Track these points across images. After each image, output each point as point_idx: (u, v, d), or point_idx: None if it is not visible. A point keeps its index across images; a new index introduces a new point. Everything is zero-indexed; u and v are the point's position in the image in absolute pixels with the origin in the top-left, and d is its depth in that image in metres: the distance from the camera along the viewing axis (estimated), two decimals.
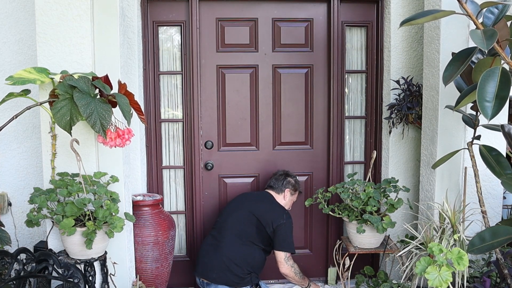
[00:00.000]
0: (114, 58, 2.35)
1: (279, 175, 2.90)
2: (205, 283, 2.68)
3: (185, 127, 3.07)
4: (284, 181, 2.86)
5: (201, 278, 2.69)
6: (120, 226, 2.10)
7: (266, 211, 2.73)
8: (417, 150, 3.02)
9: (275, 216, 2.71)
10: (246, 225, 2.70)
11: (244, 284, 2.63)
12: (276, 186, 2.86)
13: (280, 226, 2.69)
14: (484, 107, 1.81)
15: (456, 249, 1.92)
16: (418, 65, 2.97)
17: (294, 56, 3.09)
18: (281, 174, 2.90)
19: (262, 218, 2.70)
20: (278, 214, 2.73)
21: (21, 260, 2.05)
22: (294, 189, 2.88)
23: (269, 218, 2.70)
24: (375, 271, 3.05)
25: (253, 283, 2.67)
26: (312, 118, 3.15)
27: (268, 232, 2.70)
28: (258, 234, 2.70)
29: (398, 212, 2.86)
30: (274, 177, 2.91)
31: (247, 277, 2.64)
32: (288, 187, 2.85)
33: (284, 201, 2.84)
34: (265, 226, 2.69)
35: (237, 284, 2.61)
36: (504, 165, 2.12)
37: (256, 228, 2.70)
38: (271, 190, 2.88)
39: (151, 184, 3.08)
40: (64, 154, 2.29)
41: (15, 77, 2.06)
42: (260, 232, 2.70)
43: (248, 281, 2.64)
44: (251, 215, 2.71)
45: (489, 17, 2.01)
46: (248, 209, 2.74)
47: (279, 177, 2.88)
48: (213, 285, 2.63)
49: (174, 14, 2.99)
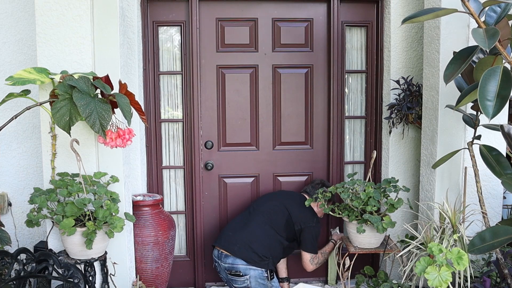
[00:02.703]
0: (114, 58, 2.35)
1: (316, 183, 2.98)
2: (223, 255, 2.70)
3: (185, 127, 3.07)
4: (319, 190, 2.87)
5: (221, 250, 2.71)
6: (120, 226, 2.10)
7: (299, 211, 2.82)
8: (417, 150, 3.02)
9: (306, 217, 2.81)
10: (277, 215, 2.79)
11: (261, 266, 2.67)
12: (312, 193, 2.93)
13: (309, 228, 2.80)
14: (485, 106, 1.80)
15: (456, 249, 1.92)
16: (418, 65, 2.97)
17: (294, 56, 3.09)
18: (318, 182, 2.99)
19: (294, 215, 2.80)
20: (310, 217, 2.83)
21: (21, 260, 2.05)
22: (328, 200, 2.86)
23: (300, 217, 2.80)
24: (375, 271, 3.05)
25: (268, 268, 2.69)
26: (312, 118, 3.15)
27: (296, 228, 2.80)
28: (286, 227, 2.79)
29: (398, 212, 2.86)
30: (311, 185, 2.99)
31: (265, 260, 2.69)
32: None
33: (316, 208, 2.90)
34: (294, 222, 2.80)
35: (255, 262, 2.65)
36: (504, 165, 2.12)
37: (286, 221, 2.80)
38: (306, 195, 2.96)
39: (151, 184, 3.08)
40: (64, 154, 2.29)
41: (15, 77, 2.06)
42: (288, 225, 2.80)
43: (265, 264, 2.68)
44: (284, 208, 2.82)
45: (492, 15, 2.01)
46: (283, 202, 2.85)
47: (316, 186, 2.97)
48: (232, 258, 2.66)
49: (174, 14, 2.99)
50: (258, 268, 2.65)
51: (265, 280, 2.66)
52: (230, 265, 2.67)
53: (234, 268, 2.66)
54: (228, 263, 2.67)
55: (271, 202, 2.87)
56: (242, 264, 2.65)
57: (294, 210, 2.82)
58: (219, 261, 2.71)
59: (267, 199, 2.92)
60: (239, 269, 2.65)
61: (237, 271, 2.65)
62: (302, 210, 2.83)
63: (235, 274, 2.66)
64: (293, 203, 2.86)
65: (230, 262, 2.67)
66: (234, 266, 2.66)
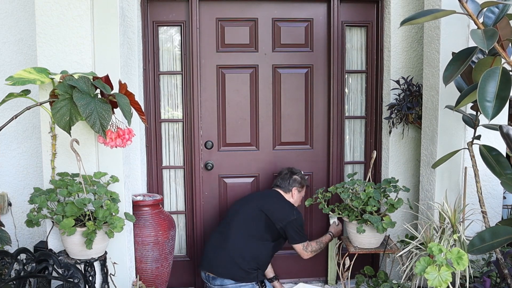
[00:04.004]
0: (114, 58, 2.35)
1: (284, 174, 2.91)
2: (210, 277, 2.67)
3: (185, 127, 3.07)
4: (290, 180, 2.87)
5: (207, 272, 2.69)
6: (120, 226, 2.10)
7: (275, 208, 2.75)
8: (417, 150, 3.02)
9: (284, 213, 2.74)
10: (254, 221, 2.72)
11: (250, 280, 2.63)
12: (283, 186, 2.87)
13: (291, 222, 2.72)
14: (485, 107, 1.81)
15: (456, 249, 1.92)
16: (418, 65, 2.97)
17: (294, 56, 3.09)
18: (286, 173, 2.91)
19: (271, 215, 2.72)
20: (288, 211, 2.76)
21: (21, 260, 2.05)
22: (301, 186, 2.90)
23: (279, 215, 2.73)
24: (375, 271, 3.04)
25: (258, 280, 2.68)
26: (312, 118, 3.15)
27: (278, 227, 2.72)
28: (267, 229, 2.72)
29: (398, 212, 2.86)
30: (280, 177, 2.92)
31: (253, 272, 2.65)
32: (294, 185, 2.87)
33: (292, 199, 2.87)
34: (274, 222, 2.72)
35: (243, 279, 2.62)
36: (504, 165, 2.12)
37: (265, 223, 2.72)
38: (278, 188, 2.89)
39: (151, 184, 3.08)
40: (64, 154, 2.29)
41: (15, 77, 2.06)
42: (269, 227, 2.72)
43: (254, 277, 2.65)
44: (259, 211, 2.73)
45: (490, 16, 2.01)
46: (256, 205, 2.77)
47: (285, 176, 2.89)
48: (219, 279, 2.64)
49: (174, 14, 2.99)
50: (248, 283, 2.62)
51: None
52: (219, 286, 2.64)
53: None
54: (217, 285, 2.64)
55: (244, 210, 2.77)
56: (231, 284, 2.61)
57: (271, 209, 2.74)
58: (208, 283, 2.69)
59: (240, 206, 2.83)
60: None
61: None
62: (278, 207, 2.76)
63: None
64: (268, 202, 2.78)
65: (219, 283, 2.64)
66: (224, 287, 2.63)
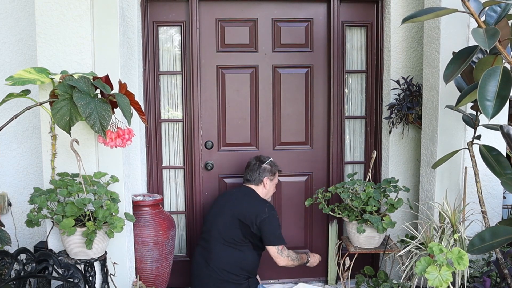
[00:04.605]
0: (114, 58, 2.34)
1: (252, 165, 2.79)
2: None
3: (185, 127, 3.07)
4: (259, 170, 2.76)
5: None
6: (120, 226, 2.10)
7: (247, 210, 2.64)
8: (417, 150, 3.02)
9: (256, 212, 2.62)
10: (231, 230, 2.63)
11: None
12: (253, 178, 2.76)
13: (264, 221, 2.60)
14: (485, 106, 1.80)
15: (456, 249, 1.92)
16: (418, 65, 2.97)
17: (294, 56, 3.09)
18: (254, 163, 2.79)
19: (244, 218, 2.62)
20: (260, 209, 2.64)
21: (21, 260, 2.05)
22: (273, 173, 2.80)
23: (251, 216, 2.61)
24: (375, 271, 3.04)
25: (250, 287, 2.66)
26: (312, 118, 3.15)
27: (253, 230, 2.62)
28: (244, 235, 2.64)
29: (398, 212, 2.85)
30: (249, 169, 2.80)
31: (244, 282, 2.62)
32: (265, 175, 2.76)
33: (265, 189, 2.77)
34: (249, 225, 2.62)
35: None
36: (504, 165, 2.12)
37: (241, 230, 2.63)
38: (249, 184, 2.79)
39: (151, 184, 3.07)
40: (64, 154, 2.29)
41: (15, 77, 2.06)
42: (246, 233, 2.64)
43: (246, 285, 2.63)
44: (233, 218, 2.64)
45: (492, 15, 2.00)
46: (229, 212, 2.66)
47: (253, 167, 2.77)
48: None
49: (174, 14, 2.99)
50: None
51: None
52: None
53: None
54: None
55: (219, 219, 2.67)
56: None
57: (242, 213, 2.62)
58: None
59: (214, 216, 2.72)
60: None
61: None
62: (249, 207, 2.64)
63: None
64: (238, 206, 2.67)
65: None
66: None
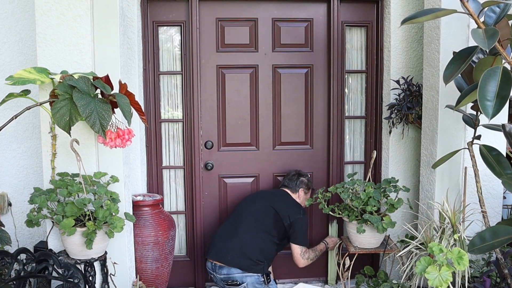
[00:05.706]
0: (114, 58, 2.35)
1: (292, 175, 2.97)
2: (217, 266, 2.67)
3: (185, 127, 3.07)
4: (297, 181, 2.94)
5: (214, 261, 2.69)
6: (120, 226, 2.10)
7: (284, 205, 2.81)
8: (417, 150, 3.02)
9: (292, 210, 2.79)
10: (263, 216, 2.77)
11: (256, 271, 2.64)
12: (291, 186, 2.93)
13: (298, 220, 2.77)
14: (485, 106, 1.81)
15: (456, 249, 1.92)
16: (418, 65, 2.97)
17: (294, 56, 3.09)
18: (293, 174, 2.97)
19: (280, 211, 2.77)
20: (296, 209, 2.81)
21: (21, 260, 2.05)
22: (308, 188, 2.97)
23: (287, 212, 2.77)
24: (375, 271, 3.05)
25: (264, 272, 2.68)
26: (312, 118, 3.15)
27: (285, 224, 2.76)
28: (275, 225, 2.75)
29: (398, 212, 2.86)
30: (288, 177, 2.98)
31: (260, 264, 2.67)
32: (301, 186, 2.94)
33: (299, 200, 2.92)
34: (282, 218, 2.76)
35: (250, 269, 2.63)
36: (504, 165, 2.12)
37: (274, 219, 2.76)
38: (286, 188, 2.95)
39: (151, 184, 3.08)
40: (64, 154, 2.29)
41: (15, 77, 2.06)
42: (277, 223, 2.76)
43: (261, 268, 2.66)
44: (269, 207, 2.79)
45: (491, 16, 2.01)
46: (266, 201, 2.83)
47: (292, 177, 2.96)
48: (226, 268, 2.64)
49: (174, 14, 2.99)
50: (254, 274, 2.63)
51: (262, 284, 2.65)
52: (225, 276, 2.64)
53: (230, 278, 2.63)
54: (223, 274, 2.65)
55: (255, 204, 2.84)
56: (237, 273, 2.62)
57: (279, 206, 2.79)
58: (214, 273, 2.69)
59: (250, 201, 2.89)
60: (235, 278, 2.62)
61: (234, 280, 2.63)
62: (287, 205, 2.82)
63: (232, 284, 2.63)
64: (277, 199, 2.85)
65: (225, 272, 2.64)
66: (230, 276, 2.63)
